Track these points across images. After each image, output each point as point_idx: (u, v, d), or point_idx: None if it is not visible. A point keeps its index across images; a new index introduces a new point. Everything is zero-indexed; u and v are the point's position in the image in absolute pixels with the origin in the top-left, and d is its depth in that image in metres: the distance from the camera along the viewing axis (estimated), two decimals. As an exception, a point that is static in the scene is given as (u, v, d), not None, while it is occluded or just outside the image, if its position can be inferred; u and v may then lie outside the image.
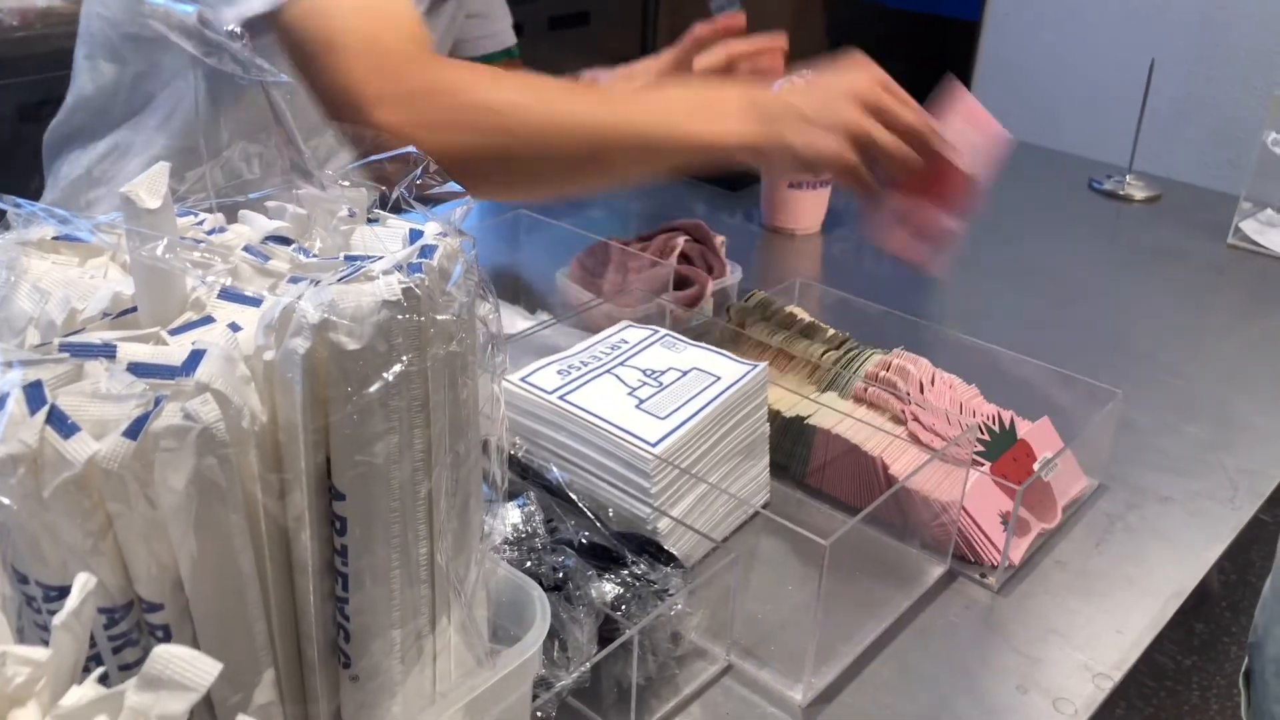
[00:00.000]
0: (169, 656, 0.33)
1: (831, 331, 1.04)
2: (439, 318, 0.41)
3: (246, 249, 0.50)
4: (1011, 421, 0.94)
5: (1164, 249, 1.49)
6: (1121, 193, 1.66)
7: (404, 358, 0.40)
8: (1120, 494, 0.97)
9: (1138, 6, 2.21)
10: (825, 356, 0.99)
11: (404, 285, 0.40)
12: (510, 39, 1.31)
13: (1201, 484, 0.99)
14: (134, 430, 0.37)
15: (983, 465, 0.90)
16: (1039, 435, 0.95)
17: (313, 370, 0.39)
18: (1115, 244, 1.56)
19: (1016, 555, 0.87)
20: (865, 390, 0.95)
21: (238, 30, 0.41)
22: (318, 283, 0.41)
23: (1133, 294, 1.36)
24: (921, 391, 0.94)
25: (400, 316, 0.40)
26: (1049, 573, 0.88)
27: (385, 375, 0.39)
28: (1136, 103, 1.65)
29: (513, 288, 1.25)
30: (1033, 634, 0.81)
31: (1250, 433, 1.07)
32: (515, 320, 1.17)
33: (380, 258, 0.43)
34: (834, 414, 0.93)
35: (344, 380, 0.39)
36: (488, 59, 1.30)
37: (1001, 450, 0.92)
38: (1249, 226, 1.51)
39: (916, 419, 0.91)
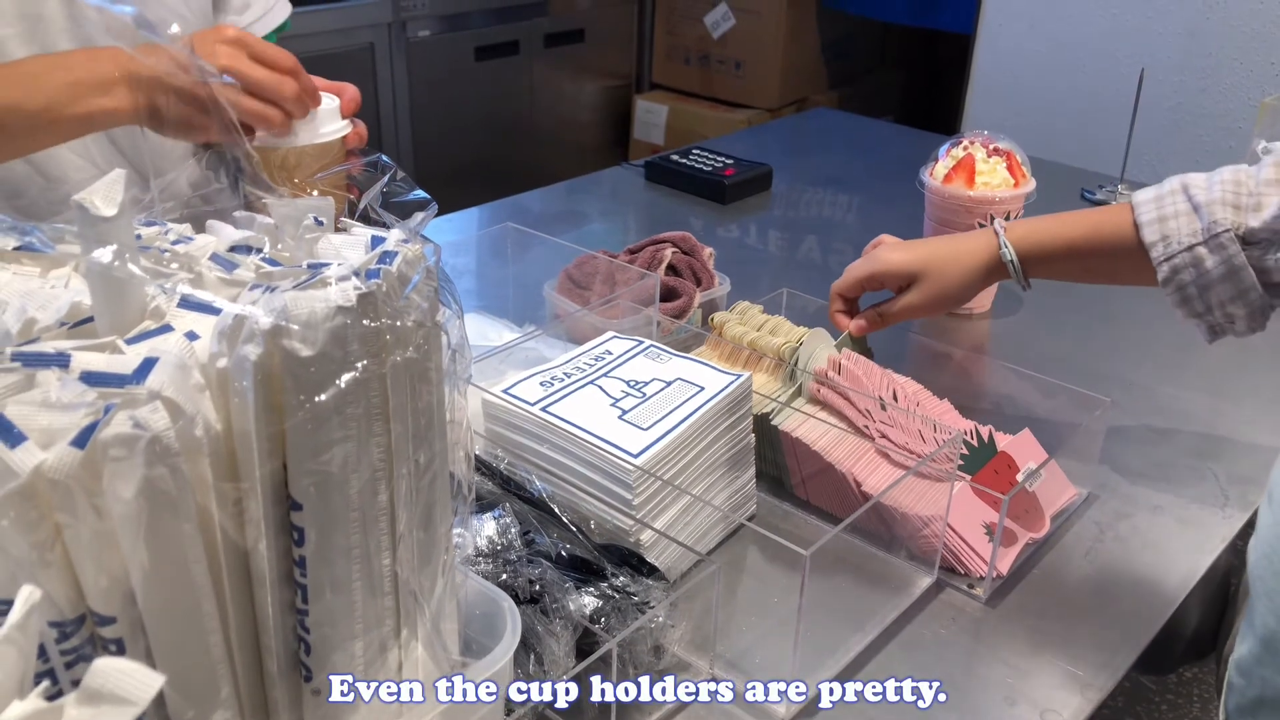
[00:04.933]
0: (110, 670, 0.32)
1: (798, 328, 1.02)
2: (396, 324, 0.41)
3: (213, 258, 0.50)
4: (990, 435, 0.93)
5: (1156, 258, 1.48)
6: (1114, 202, 1.65)
7: (359, 364, 0.39)
8: (1110, 503, 0.96)
9: (1127, 18, 2.21)
10: (784, 348, 0.98)
11: (360, 291, 0.40)
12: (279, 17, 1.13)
13: (1193, 492, 0.98)
14: (82, 439, 0.36)
15: (964, 479, 0.88)
16: (1020, 447, 0.94)
17: (266, 377, 0.39)
18: (1107, 253, 1.55)
19: (1004, 566, 0.86)
20: (819, 390, 0.94)
21: (177, 31, 0.41)
22: (274, 290, 0.41)
23: (1122, 303, 1.35)
24: (883, 408, 0.92)
25: (355, 322, 0.39)
26: (1038, 583, 0.87)
27: (339, 382, 0.38)
28: (1128, 113, 1.65)
29: (502, 301, 1.25)
30: (1021, 645, 0.80)
31: (1242, 440, 1.06)
32: (503, 333, 1.17)
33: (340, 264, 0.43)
34: (797, 415, 0.92)
35: (297, 387, 0.39)
36: None
37: (981, 463, 0.91)
38: (1241, 235, 1.50)
39: (885, 437, 0.90)
